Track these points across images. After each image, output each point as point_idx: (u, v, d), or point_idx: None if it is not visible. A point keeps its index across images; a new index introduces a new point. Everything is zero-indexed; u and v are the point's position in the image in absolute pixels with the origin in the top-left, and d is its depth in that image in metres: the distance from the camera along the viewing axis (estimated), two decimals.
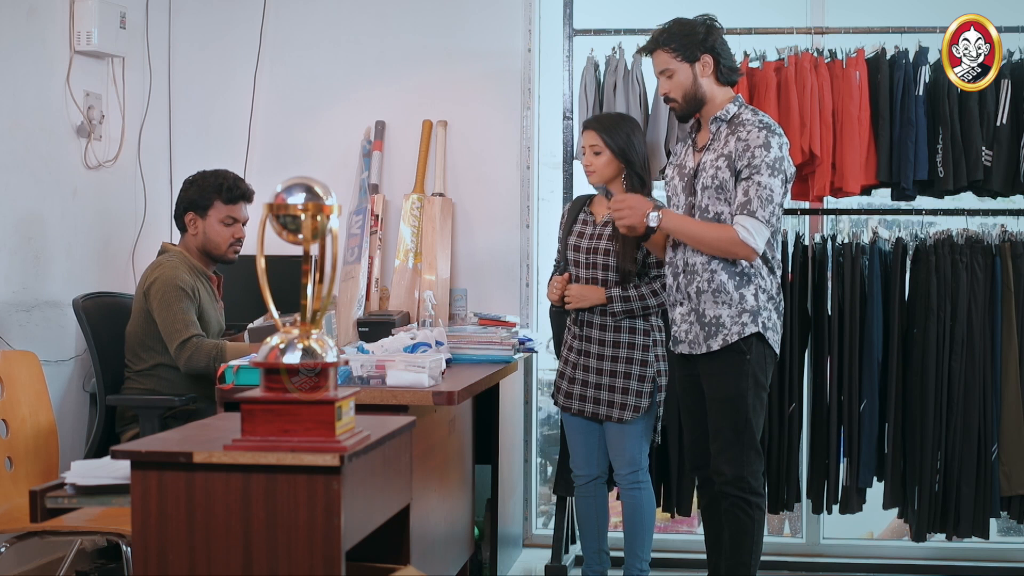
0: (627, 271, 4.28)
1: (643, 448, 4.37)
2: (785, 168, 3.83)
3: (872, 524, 5.39)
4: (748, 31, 4.83)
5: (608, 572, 4.52)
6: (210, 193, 4.47)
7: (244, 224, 4.56)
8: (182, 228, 4.54)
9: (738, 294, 3.82)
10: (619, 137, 4.32)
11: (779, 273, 3.91)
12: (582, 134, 4.44)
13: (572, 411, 4.39)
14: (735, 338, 3.80)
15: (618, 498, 4.77)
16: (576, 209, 4.50)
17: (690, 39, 3.89)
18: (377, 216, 5.31)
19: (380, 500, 2.79)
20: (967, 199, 4.92)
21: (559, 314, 4.54)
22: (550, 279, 4.49)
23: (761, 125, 3.83)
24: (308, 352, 2.53)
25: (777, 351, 3.89)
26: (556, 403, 4.49)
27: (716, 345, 3.83)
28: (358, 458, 2.55)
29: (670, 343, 4.09)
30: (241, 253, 4.60)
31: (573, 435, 4.45)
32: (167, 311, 4.29)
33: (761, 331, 3.81)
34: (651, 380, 4.32)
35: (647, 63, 4.24)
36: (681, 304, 3.94)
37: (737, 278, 3.82)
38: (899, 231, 4.83)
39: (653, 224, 3.82)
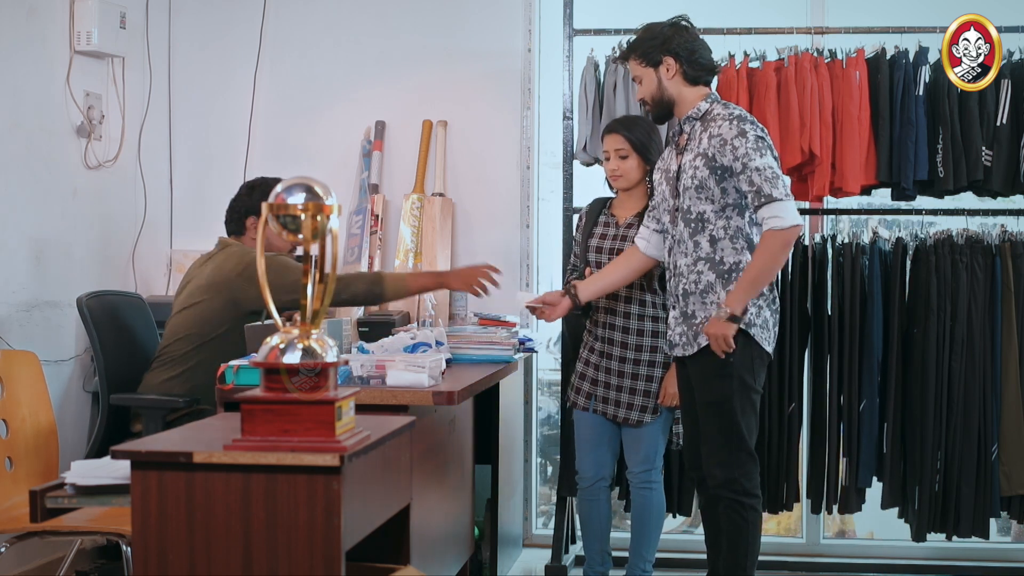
0: (649, 272, 4.26)
1: (659, 448, 4.36)
2: (770, 144, 3.78)
3: (872, 524, 5.39)
4: (748, 31, 4.83)
5: (609, 572, 4.52)
6: None
7: None
8: (239, 231, 4.49)
9: (725, 292, 3.77)
10: (644, 138, 4.29)
11: None
12: (604, 138, 4.36)
13: (596, 411, 4.35)
14: None
15: (620, 498, 4.77)
16: (595, 211, 4.45)
17: (650, 44, 3.88)
18: (377, 216, 5.31)
19: (380, 500, 2.79)
20: (967, 199, 4.92)
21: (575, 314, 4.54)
22: (565, 283, 4.47)
23: (731, 116, 3.79)
24: (308, 352, 2.53)
25: (769, 349, 3.84)
26: (569, 400, 4.46)
27: (697, 347, 3.81)
28: (358, 458, 2.54)
29: (665, 346, 4.09)
30: None
31: (584, 435, 4.41)
32: (286, 270, 4.18)
33: (745, 328, 3.75)
34: None
35: None
36: (674, 307, 3.93)
37: (725, 277, 3.79)
38: (899, 231, 4.83)
39: (738, 321, 3.71)
